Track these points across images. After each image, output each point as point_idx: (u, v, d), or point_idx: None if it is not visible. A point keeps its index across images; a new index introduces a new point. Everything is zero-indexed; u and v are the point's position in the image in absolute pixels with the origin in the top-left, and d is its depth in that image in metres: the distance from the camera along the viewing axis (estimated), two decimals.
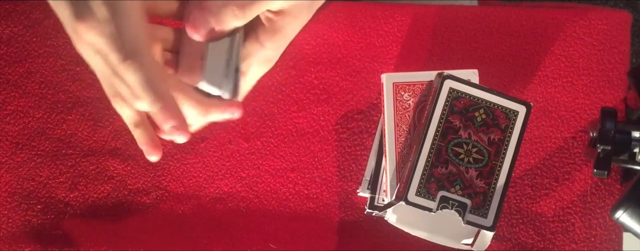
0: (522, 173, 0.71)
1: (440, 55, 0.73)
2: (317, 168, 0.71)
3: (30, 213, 0.71)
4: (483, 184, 0.61)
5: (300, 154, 0.72)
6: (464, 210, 0.60)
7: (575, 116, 0.72)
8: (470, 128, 0.62)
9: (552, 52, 0.73)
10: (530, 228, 0.70)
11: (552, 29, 0.73)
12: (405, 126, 0.65)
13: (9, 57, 0.73)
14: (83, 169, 0.72)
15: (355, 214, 0.71)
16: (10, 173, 0.71)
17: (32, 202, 0.71)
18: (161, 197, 0.71)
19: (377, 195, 0.67)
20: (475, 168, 0.61)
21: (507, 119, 0.63)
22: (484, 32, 0.73)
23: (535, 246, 0.70)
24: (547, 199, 0.71)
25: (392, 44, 0.73)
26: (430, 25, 0.73)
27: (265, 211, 0.71)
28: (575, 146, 0.72)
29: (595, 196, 0.71)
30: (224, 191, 0.71)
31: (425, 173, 0.61)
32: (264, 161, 0.72)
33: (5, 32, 0.73)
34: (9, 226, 0.71)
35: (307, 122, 0.72)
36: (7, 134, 0.72)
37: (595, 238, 0.70)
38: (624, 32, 0.73)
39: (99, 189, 0.71)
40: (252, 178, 0.72)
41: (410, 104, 0.66)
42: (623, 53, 0.73)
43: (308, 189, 0.71)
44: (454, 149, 0.61)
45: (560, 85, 0.72)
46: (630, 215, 0.59)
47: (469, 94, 0.62)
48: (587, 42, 0.73)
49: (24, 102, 0.72)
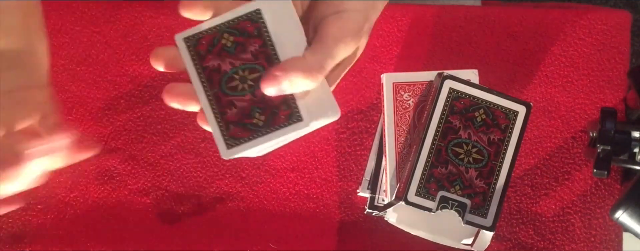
0: (522, 173, 0.71)
1: (440, 55, 0.73)
2: (317, 168, 0.71)
3: (30, 213, 0.71)
4: (483, 185, 0.61)
5: (300, 154, 0.72)
6: (464, 209, 0.60)
7: (575, 116, 0.72)
8: (470, 128, 0.62)
9: (552, 52, 0.73)
10: (530, 228, 0.70)
11: (552, 29, 0.73)
12: (405, 126, 0.65)
13: None
14: (83, 169, 0.71)
15: (355, 214, 0.71)
16: None
17: (32, 202, 0.71)
18: (161, 197, 0.71)
19: (377, 195, 0.67)
20: (475, 168, 0.61)
21: (507, 119, 0.63)
22: (484, 32, 0.73)
23: (535, 246, 0.70)
24: (547, 199, 0.71)
25: (392, 44, 0.73)
26: (430, 25, 0.73)
27: (265, 211, 0.71)
28: (575, 146, 0.72)
29: (595, 196, 0.71)
30: (224, 191, 0.71)
31: (425, 173, 0.61)
32: (264, 161, 0.72)
33: None
34: (9, 226, 0.71)
35: None
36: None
37: (595, 238, 0.70)
38: (624, 32, 0.73)
39: (99, 189, 0.71)
40: (252, 178, 0.72)
41: (410, 104, 0.66)
42: (623, 53, 0.73)
43: (308, 189, 0.71)
44: (454, 150, 0.61)
45: (560, 85, 0.72)
46: (630, 215, 0.59)
47: (469, 94, 0.62)
48: (587, 42, 0.73)
49: None
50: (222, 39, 0.52)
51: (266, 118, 0.51)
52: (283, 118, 0.51)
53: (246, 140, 0.51)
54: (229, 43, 0.52)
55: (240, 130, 0.52)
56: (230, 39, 0.52)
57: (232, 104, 0.52)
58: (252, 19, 0.52)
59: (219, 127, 0.52)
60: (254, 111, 0.52)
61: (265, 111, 0.52)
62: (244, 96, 0.52)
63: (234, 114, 0.52)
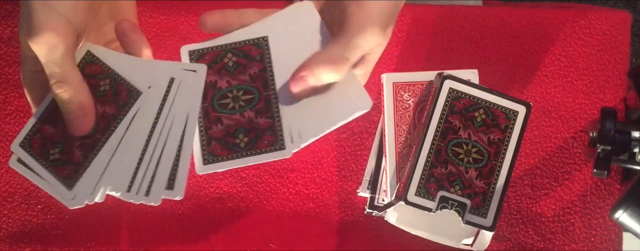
0: (522, 173, 0.71)
1: (440, 55, 0.73)
2: (317, 168, 0.71)
3: (30, 213, 0.71)
4: (483, 185, 0.61)
5: (300, 154, 0.72)
6: (464, 209, 0.60)
7: (575, 116, 0.72)
8: (470, 128, 0.62)
9: (552, 52, 0.73)
10: (530, 228, 0.70)
11: (552, 29, 0.73)
12: (405, 126, 0.65)
13: (9, 57, 0.73)
14: None
15: (355, 214, 0.71)
16: (10, 173, 0.71)
17: (32, 202, 0.71)
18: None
19: (377, 195, 0.67)
20: (475, 168, 0.61)
21: (507, 119, 0.63)
22: (484, 32, 0.73)
23: (535, 246, 0.70)
24: (547, 199, 0.71)
25: (392, 44, 0.73)
26: (430, 25, 0.73)
27: (265, 211, 0.71)
28: (575, 146, 0.72)
29: (595, 196, 0.71)
30: (224, 191, 0.71)
31: (425, 173, 0.61)
32: None
33: (5, 32, 0.73)
34: (9, 226, 0.71)
35: None
36: (7, 134, 0.72)
37: (595, 238, 0.70)
38: (624, 32, 0.73)
39: None
40: (252, 178, 0.72)
41: (410, 104, 0.66)
42: (623, 53, 0.73)
43: (308, 189, 0.71)
44: (454, 149, 0.61)
45: (560, 85, 0.72)
46: (630, 215, 0.59)
47: (469, 94, 0.62)
48: (587, 42, 0.73)
49: (24, 102, 0.72)
50: (225, 58, 0.53)
51: (249, 141, 0.52)
52: (266, 144, 0.51)
53: (224, 159, 0.52)
54: (230, 63, 0.53)
55: (221, 148, 0.52)
56: (233, 59, 0.53)
57: (219, 121, 0.52)
58: (258, 44, 0.53)
59: (200, 141, 0.52)
60: (239, 131, 0.52)
61: (249, 133, 0.52)
62: (233, 115, 0.52)
63: (218, 130, 0.52)
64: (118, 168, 0.50)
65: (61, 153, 0.51)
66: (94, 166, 0.50)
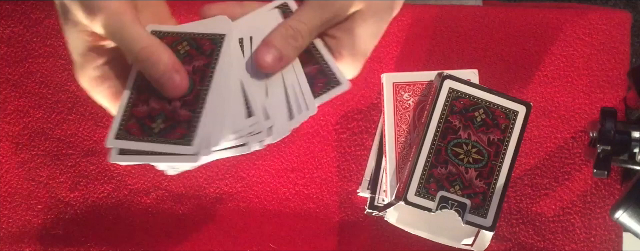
0: (522, 173, 0.71)
1: (440, 55, 0.73)
2: (317, 168, 0.71)
3: (30, 213, 0.71)
4: (482, 185, 0.61)
5: (300, 154, 0.72)
6: (464, 209, 0.60)
7: (575, 116, 0.72)
8: (470, 128, 0.62)
9: (552, 52, 0.73)
10: (530, 228, 0.70)
11: (552, 29, 0.73)
12: (405, 126, 0.65)
13: (9, 57, 0.73)
14: (83, 169, 0.72)
15: (355, 214, 0.71)
16: (10, 173, 0.71)
17: (32, 202, 0.71)
18: (161, 197, 0.71)
19: (377, 195, 0.67)
20: (475, 168, 0.61)
21: (507, 119, 0.62)
22: (484, 32, 0.73)
23: (535, 246, 0.70)
24: (547, 199, 0.71)
25: (392, 44, 0.73)
26: (430, 25, 0.73)
27: (265, 211, 0.71)
28: (575, 146, 0.72)
29: (595, 196, 0.71)
30: (224, 191, 0.71)
31: (424, 173, 0.61)
32: (264, 161, 0.72)
33: (6, 32, 0.73)
34: (9, 226, 0.71)
35: (307, 122, 0.72)
36: (7, 134, 0.72)
37: (595, 238, 0.70)
38: (624, 32, 0.73)
39: (99, 189, 0.71)
40: (252, 178, 0.72)
41: (410, 104, 0.66)
42: (623, 53, 0.73)
43: (308, 189, 0.71)
44: (454, 149, 0.61)
45: (560, 85, 0.72)
46: (630, 215, 0.59)
47: (469, 94, 0.62)
48: (587, 42, 0.73)
49: (24, 102, 0.72)
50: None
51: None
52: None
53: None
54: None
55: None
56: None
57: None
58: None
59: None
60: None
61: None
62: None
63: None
64: (234, 108, 0.50)
65: (165, 121, 0.50)
66: (207, 114, 0.49)
